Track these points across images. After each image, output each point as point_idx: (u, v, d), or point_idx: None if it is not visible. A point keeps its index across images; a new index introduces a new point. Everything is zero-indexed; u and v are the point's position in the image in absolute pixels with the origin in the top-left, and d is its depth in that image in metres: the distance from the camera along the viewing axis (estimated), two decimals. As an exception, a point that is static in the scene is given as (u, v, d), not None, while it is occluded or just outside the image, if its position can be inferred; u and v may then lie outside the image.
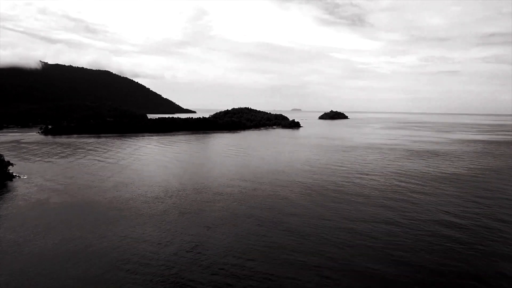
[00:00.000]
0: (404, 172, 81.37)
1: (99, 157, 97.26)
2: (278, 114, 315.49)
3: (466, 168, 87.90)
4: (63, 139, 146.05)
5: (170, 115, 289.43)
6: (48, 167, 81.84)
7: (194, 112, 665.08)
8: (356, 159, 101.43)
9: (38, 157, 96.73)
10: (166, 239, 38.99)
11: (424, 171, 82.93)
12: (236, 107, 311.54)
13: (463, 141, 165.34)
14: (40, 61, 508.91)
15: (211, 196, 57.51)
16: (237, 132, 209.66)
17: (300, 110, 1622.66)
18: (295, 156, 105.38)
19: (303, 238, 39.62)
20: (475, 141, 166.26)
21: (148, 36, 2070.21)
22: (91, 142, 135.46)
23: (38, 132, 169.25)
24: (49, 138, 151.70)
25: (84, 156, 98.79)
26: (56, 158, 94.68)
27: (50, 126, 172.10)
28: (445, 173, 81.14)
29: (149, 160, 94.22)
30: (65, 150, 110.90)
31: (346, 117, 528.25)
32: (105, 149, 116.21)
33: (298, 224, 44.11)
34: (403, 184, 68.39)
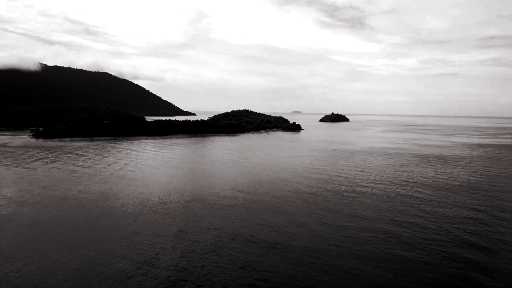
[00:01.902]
0: (414, 181, 74.65)
1: (85, 163, 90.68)
2: (278, 117, 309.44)
3: (481, 176, 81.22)
4: (53, 143, 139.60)
5: (170, 117, 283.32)
6: (26, 174, 75.19)
7: (194, 114, 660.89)
8: (362, 165, 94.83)
9: (19, 162, 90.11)
10: (131, 271, 32.25)
11: (436, 180, 76.23)
12: (235, 109, 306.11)
13: (470, 145, 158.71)
14: (39, 63, 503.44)
15: (196, 213, 50.69)
16: (236, 135, 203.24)
17: (300, 112, 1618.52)
18: (296, 163, 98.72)
19: (292, 279, 32.06)
20: (483, 145, 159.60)
21: (148, 39, 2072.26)
22: (81, 146, 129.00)
23: (29, 135, 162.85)
24: (39, 141, 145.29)
25: (70, 162, 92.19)
26: (38, 164, 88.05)
27: (41, 129, 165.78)
28: (459, 182, 74.45)
29: (138, 167, 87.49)
30: (51, 155, 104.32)
31: (347, 120, 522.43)
32: (94, 153, 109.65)
33: (285, 261, 35.13)
34: (414, 196, 61.06)
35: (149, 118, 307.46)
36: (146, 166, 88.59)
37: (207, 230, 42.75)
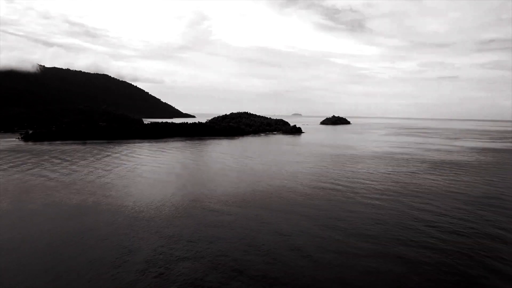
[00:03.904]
0: (425, 193, 67.57)
1: (68, 169, 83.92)
2: (278, 119, 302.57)
3: (499, 186, 74.22)
4: (42, 146, 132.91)
5: (169, 120, 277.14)
6: None
7: (194, 116, 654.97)
8: (366, 173, 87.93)
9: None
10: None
11: (450, 191, 69.22)
12: (235, 111, 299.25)
13: (478, 150, 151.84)
14: (37, 64, 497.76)
15: (170, 236, 43.66)
16: (235, 139, 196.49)
17: (300, 115, 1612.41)
18: (296, 170, 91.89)
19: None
20: (491, 150, 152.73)
21: (148, 41, 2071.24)
22: (71, 150, 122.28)
23: (18, 138, 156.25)
24: (27, 144, 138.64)
25: (51, 168, 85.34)
26: (15, 170, 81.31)
27: (30, 131, 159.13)
28: (476, 193, 67.51)
29: (121, 174, 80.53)
30: (35, 160, 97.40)
31: (348, 123, 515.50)
32: (77, 158, 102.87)
33: None
34: (427, 219, 52.14)
35: (148, 120, 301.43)
36: (132, 173, 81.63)
37: (177, 260, 34.65)
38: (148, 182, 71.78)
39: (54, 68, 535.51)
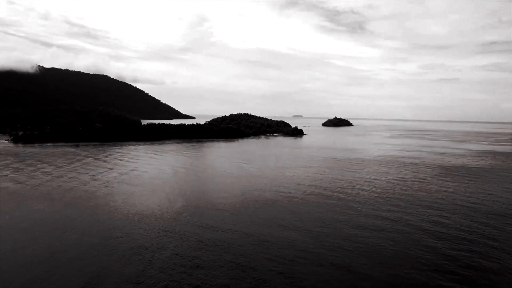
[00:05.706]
0: (441, 209, 60.27)
1: (54, 174, 77.62)
2: (279, 121, 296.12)
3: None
4: (31, 148, 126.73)
5: (169, 121, 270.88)
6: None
7: (194, 118, 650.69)
8: (372, 181, 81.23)
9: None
10: None
11: (471, 205, 62.16)
12: (235, 113, 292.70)
13: (489, 153, 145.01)
14: (37, 65, 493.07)
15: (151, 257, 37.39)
16: (234, 141, 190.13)
17: (301, 116, 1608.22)
18: (296, 177, 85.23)
19: None
20: (502, 154, 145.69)
21: (149, 42, 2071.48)
22: (59, 153, 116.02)
23: (8, 140, 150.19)
24: (17, 147, 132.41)
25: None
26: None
27: (20, 133, 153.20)
28: (498, 207, 60.98)
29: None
30: (18, 164, 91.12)
31: (350, 124, 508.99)
32: (66, 162, 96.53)
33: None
34: (446, 240, 45.19)
35: (148, 122, 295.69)
36: (115, 179, 75.15)
37: None
38: (128, 191, 65.33)
39: (53, 68, 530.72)
